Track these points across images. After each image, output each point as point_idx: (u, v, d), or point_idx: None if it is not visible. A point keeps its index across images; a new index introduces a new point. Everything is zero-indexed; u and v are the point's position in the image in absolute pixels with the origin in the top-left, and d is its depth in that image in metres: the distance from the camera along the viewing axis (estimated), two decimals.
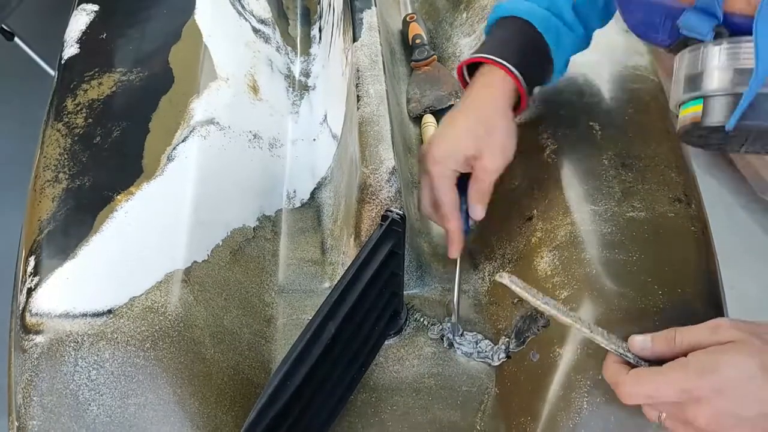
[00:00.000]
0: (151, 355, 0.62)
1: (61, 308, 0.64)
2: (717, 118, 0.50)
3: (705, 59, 0.51)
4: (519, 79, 0.73)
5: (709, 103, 0.51)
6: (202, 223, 0.72)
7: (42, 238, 0.70)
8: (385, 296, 0.69)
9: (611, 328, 0.59)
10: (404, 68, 1.03)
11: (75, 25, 0.92)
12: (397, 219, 0.64)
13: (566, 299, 0.66)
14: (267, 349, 0.72)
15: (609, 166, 0.75)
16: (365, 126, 0.76)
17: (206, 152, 0.78)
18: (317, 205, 0.87)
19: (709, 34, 0.51)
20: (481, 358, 0.72)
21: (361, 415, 0.69)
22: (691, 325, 0.55)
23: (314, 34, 1.09)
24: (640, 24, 0.58)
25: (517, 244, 0.76)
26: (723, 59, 0.50)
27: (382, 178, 0.73)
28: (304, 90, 1.00)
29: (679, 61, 0.54)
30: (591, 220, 0.71)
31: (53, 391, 0.61)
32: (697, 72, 0.51)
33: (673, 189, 0.73)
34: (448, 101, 0.96)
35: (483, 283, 0.79)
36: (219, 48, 0.90)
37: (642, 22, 0.57)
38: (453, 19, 1.06)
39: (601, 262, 0.68)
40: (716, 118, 0.50)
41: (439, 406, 0.69)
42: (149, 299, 0.65)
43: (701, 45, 0.52)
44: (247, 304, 0.73)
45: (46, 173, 0.76)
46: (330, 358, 0.60)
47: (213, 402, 0.63)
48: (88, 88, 0.84)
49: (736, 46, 0.49)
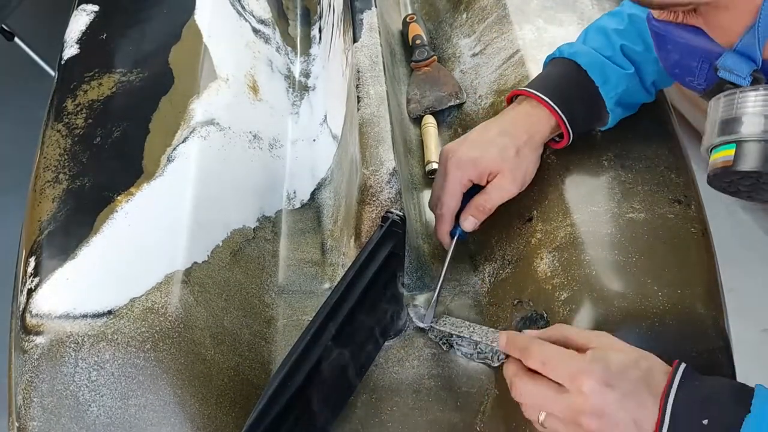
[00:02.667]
0: (152, 356, 0.62)
1: (62, 309, 0.64)
2: (750, 163, 0.50)
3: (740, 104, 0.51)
4: (559, 114, 0.73)
5: (742, 148, 0.50)
6: (202, 224, 0.72)
7: (42, 238, 0.70)
8: (385, 297, 0.69)
9: (611, 329, 0.60)
10: (404, 69, 1.03)
11: (75, 25, 0.92)
12: (398, 220, 0.64)
13: (566, 300, 0.66)
14: (267, 350, 0.72)
15: (609, 168, 0.75)
16: (365, 127, 0.76)
17: (206, 153, 0.78)
18: (317, 206, 0.87)
19: (747, 77, 0.51)
20: (480, 359, 0.72)
21: (362, 416, 0.69)
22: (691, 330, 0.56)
23: (314, 35, 1.09)
24: (676, 65, 0.57)
25: (517, 245, 0.76)
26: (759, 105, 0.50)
27: (383, 180, 0.73)
28: (304, 90, 1.00)
29: (713, 105, 0.54)
30: (591, 222, 0.71)
31: (53, 392, 0.61)
32: (732, 116, 0.51)
33: (673, 190, 0.73)
34: (448, 102, 0.96)
35: (483, 285, 0.79)
36: (219, 48, 0.90)
37: (678, 64, 0.57)
38: (453, 20, 1.06)
39: (600, 263, 0.68)
40: (749, 163, 0.50)
41: (438, 407, 0.69)
42: (149, 300, 0.65)
43: (737, 90, 0.52)
44: (248, 305, 0.73)
45: (46, 174, 0.76)
46: (330, 359, 0.60)
47: (213, 403, 0.63)
48: (88, 88, 0.84)
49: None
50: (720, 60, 0.52)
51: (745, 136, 0.50)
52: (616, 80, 0.74)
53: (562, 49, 0.77)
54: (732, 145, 0.51)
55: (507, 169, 0.73)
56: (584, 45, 0.77)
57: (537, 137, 0.74)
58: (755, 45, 0.49)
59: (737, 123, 0.50)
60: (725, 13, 0.49)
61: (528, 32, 0.92)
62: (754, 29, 0.48)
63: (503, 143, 0.73)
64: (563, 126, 0.74)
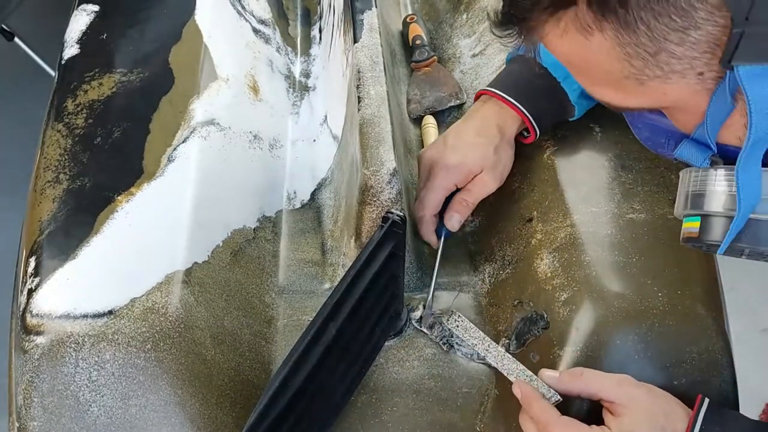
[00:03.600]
0: (152, 356, 0.62)
1: (62, 309, 0.64)
2: (712, 236, 0.54)
3: (703, 181, 0.55)
4: (524, 113, 0.77)
5: (706, 222, 0.55)
6: (202, 224, 0.72)
7: (42, 238, 0.70)
8: (385, 298, 0.69)
9: (611, 329, 0.60)
10: (404, 69, 1.03)
11: (75, 25, 0.92)
12: (398, 221, 0.64)
13: (566, 301, 0.66)
14: (267, 350, 0.72)
15: (609, 168, 0.76)
16: (366, 127, 0.76)
17: (206, 153, 0.78)
18: (317, 206, 0.87)
19: (704, 162, 0.55)
20: (481, 360, 0.72)
21: (362, 416, 0.69)
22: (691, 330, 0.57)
23: (314, 35, 1.09)
24: (648, 140, 0.62)
25: (517, 245, 0.76)
26: (718, 184, 0.53)
27: (383, 180, 0.73)
28: (305, 91, 1.00)
29: (682, 177, 0.58)
30: (591, 222, 0.71)
31: (54, 391, 0.61)
32: (696, 191, 0.55)
33: (673, 191, 0.72)
34: (448, 102, 0.96)
35: (483, 285, 0.79)
36: (219, 48, 0.90)
37: (649, 138, 0.61)
38: (453, 21, 1.06)
39: (601, 264, 0.68)
40: (712, 236, 0.54)
41: (439, 407, 0.69)
42: (150, 300, 0.65)
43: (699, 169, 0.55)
44: (248, 305, 0.73)
45: (46, 174, 0.76)
46: (330, 359, 0.60)
47: (214, 403, 0.63)
48: (88, 88, 0.84)
49: (729, 174, 0.52)
50: (677, 151, 0.56)
51: (707, 211, 0.54)
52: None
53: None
54: (697, 218, 0.55)
55: (488, 168, 0.78)
56: None
57: (508, 134, 0.79)
58: (706, 137, 0.52)
59: (702, 198, 0.54)
60: (677, 112, 0.53)
61: None
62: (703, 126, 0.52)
63: (481, 144, 0.78)
64: (529, 124, 0.78)
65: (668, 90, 0.49)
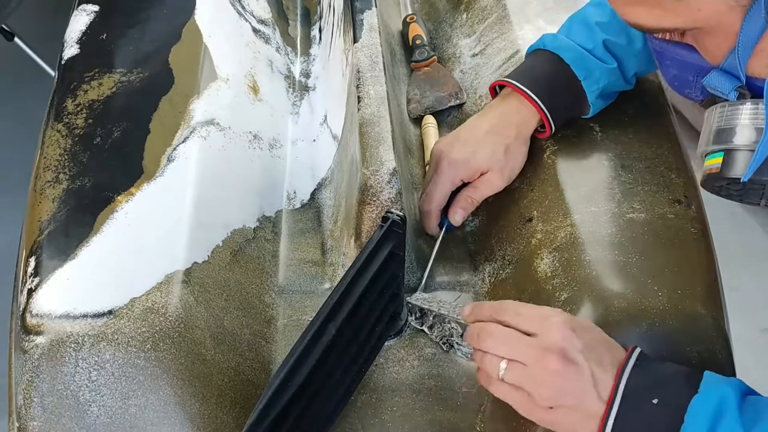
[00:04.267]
0: (152, 356, 0.62)
1: (62, 309, 0.64)
2: (734, 170, 0.55)
3: (729, 116, 0.55)
4: (543, 111, 0.77)
5: (728, 156, 0.55)
6: (202, 224, 0.72)
7: (42, 238, 0.70)
8: (385, 297, 0.69)
9: (611, 330, 0.60)
10: (404, 69, 1.03)
11: (75, 25, 0.92)
12: (398, 220, 0.64)
13: (566, 300, 0.66)
14: (267, 350, 0.72)
15: (609, 168, 0.76)
16: (366, 127, 0.76)
17: (206, 153, 0.78)
18: (317, 206, 0.87)
19: (732, 93, 0.55)
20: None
21: (362, 416, 0.69)
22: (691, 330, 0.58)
23: (314, 35, 1.09)
24: (675, 79, 0.61)
25: (517, 245, 0.76)
26: (744, 117, 0.54)
27: (383, 180, 0.73)
28: (305, 90, 1.00)
29: (708, 115, 0.58)
30: (591, 222, 0.71)
31: (54, 391, 0.61)
32: (722, 127, 0.55)
33: (673, 190, 0.73)
34: (448, 102, 0.96)
35: (483, 285, 0.79)
36: (219, 48, 0.90)
37: (676, 77, 0.61)
38: (453, 20, 1.06)
39: (601, 263, 0.68)
40: (733, 170, 0.55)
41: (439, 407, 0.69)
42: (150, 300, 0.65)
43: (727, 103, 0.56)
44: (248, 305, 0.73)
45: (46, 174, 0.76)
46: (330, 359, 0.60)
47: (214, 403, 0.63)
48: (88, 88, 0.84)
49: (755, 107, 0.53)
50: (706, 79, 0.56)
51: (733, 146, 0.55)
52: (598, 75, 0.77)
53: (546, 41, 0.79)
54: (721, 153, 0.56)
55: (497, 167, 0.77)
56: (567, 38, 0.78)
57: (525, 132, 0.78)
58: (737, 65, 0.52)
59: (727, 133, 0.55)
60: (709, 36, 0.53)
61: (528, 32, 0.92)
62: (734, 51, 0.51)
63: (493, 142, 0.77)
64: (546, 121, 0.77)
65: (703, 5, 0.49)
